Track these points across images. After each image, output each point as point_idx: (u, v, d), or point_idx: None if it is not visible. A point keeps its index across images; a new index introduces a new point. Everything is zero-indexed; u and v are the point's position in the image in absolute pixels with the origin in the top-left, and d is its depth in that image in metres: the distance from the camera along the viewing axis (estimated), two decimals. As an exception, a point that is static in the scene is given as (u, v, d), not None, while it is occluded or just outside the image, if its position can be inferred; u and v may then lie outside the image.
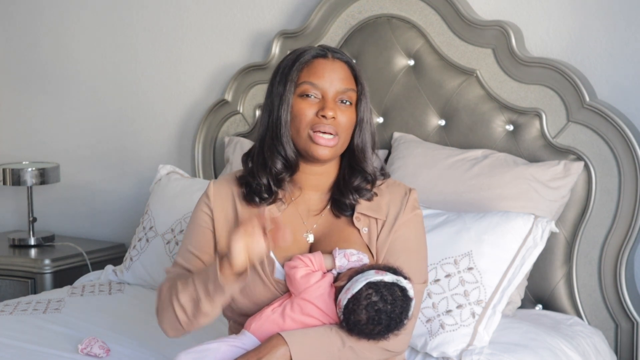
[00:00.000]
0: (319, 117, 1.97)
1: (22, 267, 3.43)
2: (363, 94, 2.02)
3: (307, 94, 1.98)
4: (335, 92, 1.99)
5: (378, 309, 1.89)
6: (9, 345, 2.39)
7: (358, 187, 2.04)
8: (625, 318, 2.66)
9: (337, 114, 1.97)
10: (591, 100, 2.68)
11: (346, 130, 2.00)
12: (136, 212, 3.60)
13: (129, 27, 3.61)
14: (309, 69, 1.99)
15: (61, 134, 3.83)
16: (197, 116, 3.48)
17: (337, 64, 2.01)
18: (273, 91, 2.02)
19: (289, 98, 1.98)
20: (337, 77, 1.99)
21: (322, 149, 1.98)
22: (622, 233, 2.65)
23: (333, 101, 1.98)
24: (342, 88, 1.99)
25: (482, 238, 2.41)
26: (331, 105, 1.97)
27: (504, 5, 2.88)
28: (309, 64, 2.00)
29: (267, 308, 1.98)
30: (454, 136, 2.87)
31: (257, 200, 2.03)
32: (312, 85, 1.98)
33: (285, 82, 1.99)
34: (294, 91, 1.99)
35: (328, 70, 1.99)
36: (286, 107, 1.99)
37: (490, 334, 2.35)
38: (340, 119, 1.98)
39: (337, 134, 1.98)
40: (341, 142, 2.00)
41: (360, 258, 1.98)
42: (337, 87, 1.99)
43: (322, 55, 2.01)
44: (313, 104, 1.98)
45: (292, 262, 1.97)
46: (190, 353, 1.96)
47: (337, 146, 2.00)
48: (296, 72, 1.99)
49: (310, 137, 1.98)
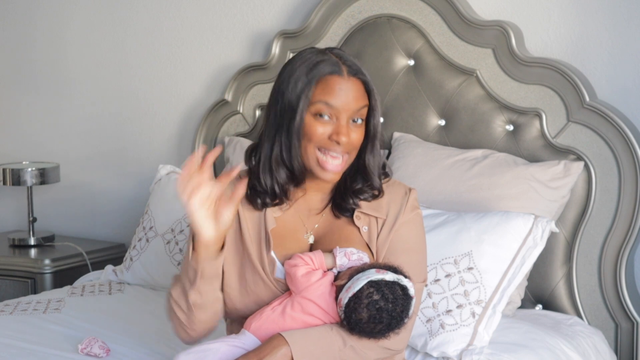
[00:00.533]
0: (332, 140, 1.94)
1: (22, 267, 3.43)
2: (376, 107, 1.99)
3: (320, 113, 1.94)
4: (351, 113, 1.95)
5: (379, 307, 1.89)
6: (9, 345, 2.39)
7: (360, 191, 2.04)
8: (625, 318, 2.66)
9: (350, 138, 1.95)
10: (591, 100, 2.68)
11: (356, 148, 1.99)
12: (136, 212, 3.60)
13: (129, 27, 3.61)
14: (324, 87, 1.94)
15: (61, 134, 3.83)
16: (197, 116, 3.48)
17: (352, 82, 1.95)
18: (285, 100, 1.96)
19: (302, 115, 1.94)
20: (352, 96, 1.94)
21: (329, 174, 1.96)
22: (622, 233, 2.65)
23: (347, 124, 1.94)
24: (356, 107, 1.95)
25: (482, 238, 2.41)
26: (345, 130, 1.93)
27: (504, 5, 2.88)
28: (324, 80, 1.94)
29: (267, 307, 1.98)
30: (454, 136, 2.87)
31: (259, 203, 2.02)
32: (327, 105, 1.93)
33: (298, 94, 1.94)
34: (307, 107, 1.94)
35: (344, 89, 1.94)
36: (299, 123, 1.94)
37: (490, 334, 2.35)
38: (352, 139, 1.96)
39: (347, 153, 1.97)
40: (349, 160, 1.99)
41: (361, 257, 1.98)
42: (353, 106, 1.95)
43: (337, 73, 1.95)
44: (326, 124, 1.94)
45: (292, 261, 1.97)
46: (190, 353, 1.96)
47: (345, 164, 1.98)
48: (310, 87, 1.93)
49: (317, 160, 1.95)
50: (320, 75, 1.94)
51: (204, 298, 1.94)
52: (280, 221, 2.04)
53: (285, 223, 2.05)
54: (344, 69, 1.96)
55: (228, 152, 3.20)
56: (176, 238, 2.90)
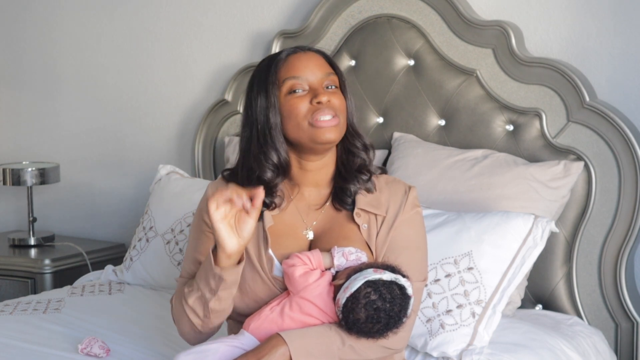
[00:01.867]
0: (314, 104, 1.98)
1: (22, 267, 3.43)
2: (342, 79, 2.06)
3: (294, 89, 2.00)
4: (320, 79, 2.01)
5: (377, 307, 1.89)
6: (9, 345, 2.39)
7: (360, 168, 2.06)
8: (625, 318, 2.66)
9: (330, 98, 2.00)
10: (591, 100, 2.68)
11: (342, 112, 2.02)
12: (136, 212, 3.60)
13: (129, 27, 3.61)
14: (287, 67, 2.01)
15: (61, 134, 3.83)
16: (197, 116, 3.48)
17: (311, 54, 2.04)
18: (253, 103, 2.02)
19: (274, 101, 2.00)
20: (315, 65, 2.02)
21: (328, 131, 1.99)
22: (622, 233, 2.65)
23: (321, 88, 2.00)
24: (324, 73, 2.02)
25: (482, 238, 2.41)
26: (322, 91, 2.00)
27: (504, 5, 2.88)
28: (284, 62, 2.02)
29: (266, 307, 1.98)
30: (454, 136, 2.87)
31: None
32: (296, 78, 2.00)
33: (265, 88, 2.01)
34: (278, 92, 2.00)
35: (304, 61, 2.02)
36: (274, 110, 1.99)
37: (490, 334, 2.35)
38: (334, 102, 2.00)
39: (337, 115, 2.00)
40: (342, 122, 2.02)
41: (359, 257, 1.98)
42: (319, 74, 2.01)
43: (294, 52, 2.04)
44: (303, 96, 2.00)
45: (290, 260, 1.97)
46: (189, 354, 1.96)
47: (340, 126, 2.01)
48: (274, 73, 2.01)
49: (311, 124, 1.98)
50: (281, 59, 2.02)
51: (223, 304, 1.96)
52: (279, 218, 2.05)
53: (284, 220, 2.05)
54: (298, 49, 2.05)
55: (228, 152, 3.20)
56: (176, 238, 2.90)
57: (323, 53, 2.07)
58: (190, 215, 2.88)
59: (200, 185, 2.93)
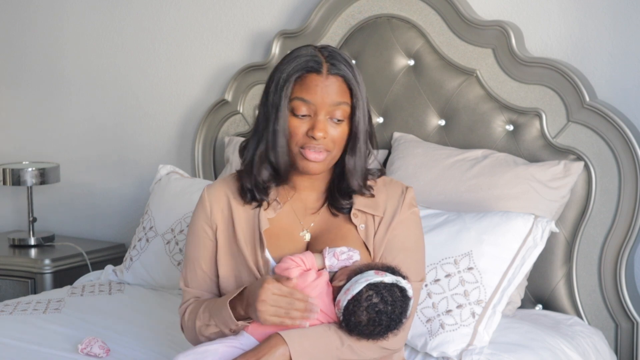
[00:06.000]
0: (308, 136, 1.96)
1: (22, 267, 3.43)
2: (358, 106, 1.98)
3: (299, 113, 1.96)
4: (328, 109, 1.96)
5: (378, 310, 1.89)
6: (9, 345, 2.39)
7: (350, 191, 2.05)
8: (625, 318, 2.66)
9: (327, 132, 1.96)
10: (591, 100, 2.68)
11: (338, 144, 1.99)
12: (136, 212, 3.60)
13: (129, 27, 3.61)
14: (302, 85, 1.96)
15: (61, 134, 3.83)
16: (197, 116, 3.48)
17: (331, 80, 1.97)
18: (269, 99, 2.00)
19: (285, 112, 1.97)
20: (329, 93, 1.96)
21: (312, 166, 1.98)
22: (622, 233, 2.65)
23: (324, 119, 1.96)
24: (335, 103, 1.96)
25: (482, 238, 2.41)
26: (321, 125, 1.95)
27: (504, 5, 2.88)
28: (302, 78, 1.97)
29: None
30: (454, 136, 2.87)
31: (249, 199, 2.04)
32: (303, 101, 1.96)
33: (280, 94, 1.97)
34: (287, 105, 1.97)
35: (320, 86, 1.96)
36: (282, 121, 1.97)
37: (490, 334, 2.35)
38: (332, 135, 1.97)
39: (328, 151, 1.98)
40: (332, 156, 2.00)
41: (351, 255, 1.97)
42: (330, 103, 1.96)
43: (316, 70, 1.97)
44: (304, 122, 1.97)
45: (283, 264, 1.96)
46: (189, 355, 1.96)
47: (327, 160, 1.99)
48: (289, 86, 1.97)
49: (300, 153, 1.97)
50: (300, 73, 1.97)
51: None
52: (275, 221, 2.05)
53: (280, 222, 2.05)
54: (324, 67, 1.97)
55: (228, 152, 3.20)
56: (176, 238, 2.90)
57: (346, 76, 1.98)
58: (190, 215, 2.88)
59: (200, 185, 2.93)
